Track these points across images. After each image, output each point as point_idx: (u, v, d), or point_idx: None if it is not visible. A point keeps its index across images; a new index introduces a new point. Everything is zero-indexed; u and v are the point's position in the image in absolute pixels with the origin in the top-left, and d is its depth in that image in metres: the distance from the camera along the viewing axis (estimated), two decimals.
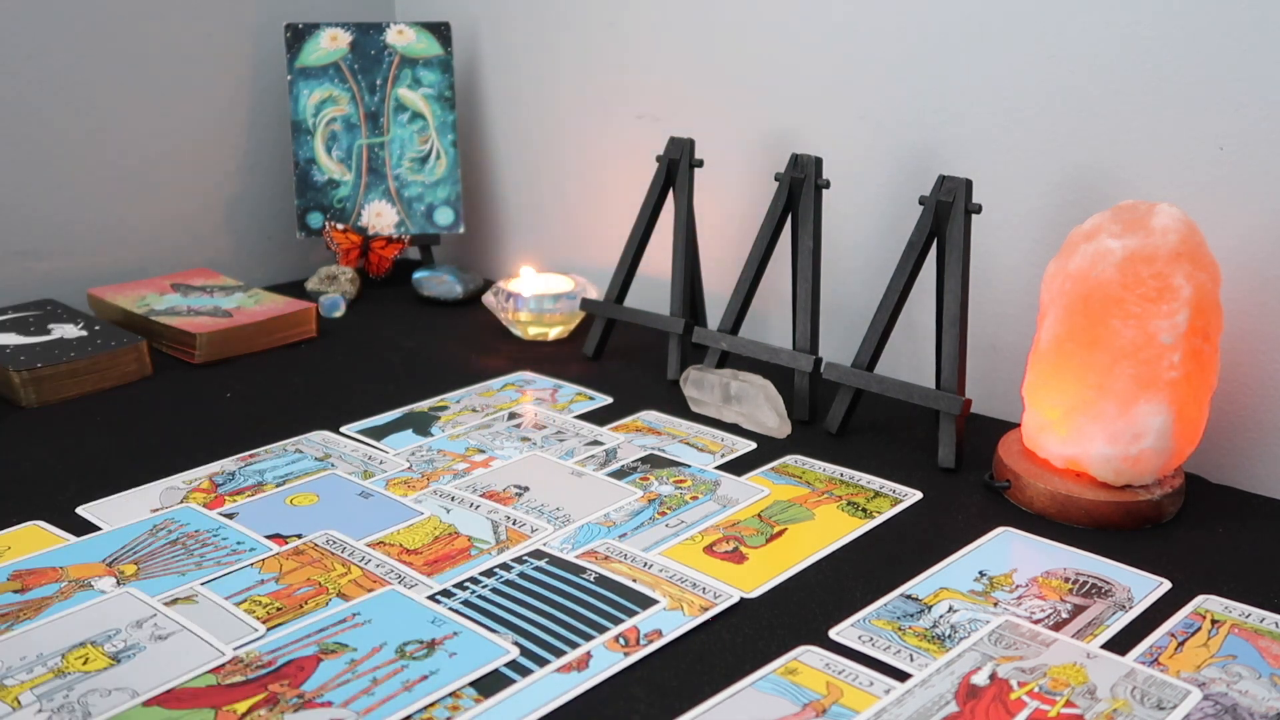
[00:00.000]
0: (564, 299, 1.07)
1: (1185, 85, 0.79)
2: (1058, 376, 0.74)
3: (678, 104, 1.10)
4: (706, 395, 0.90)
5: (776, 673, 0.57)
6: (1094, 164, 0.84)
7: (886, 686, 0.56)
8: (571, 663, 0.58)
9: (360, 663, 0.57)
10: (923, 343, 0.95)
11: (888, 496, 0.77)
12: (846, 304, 1.00)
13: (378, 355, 1.04)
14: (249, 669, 0.57)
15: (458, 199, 1.26)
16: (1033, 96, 0.86)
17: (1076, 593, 0.65)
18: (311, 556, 0.68)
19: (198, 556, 0.68)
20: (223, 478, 0.79)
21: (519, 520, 0.73)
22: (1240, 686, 0.56)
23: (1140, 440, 0.71)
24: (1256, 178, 0.77)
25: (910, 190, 0.93)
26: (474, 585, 0.65)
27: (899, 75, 0.94)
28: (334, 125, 1.24)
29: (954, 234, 0.82)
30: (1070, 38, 0.83)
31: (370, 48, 1.24)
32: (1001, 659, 0.58)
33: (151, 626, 0.60)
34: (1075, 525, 0.73)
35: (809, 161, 0.90)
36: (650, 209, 1.02)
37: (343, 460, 0.82)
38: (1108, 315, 0.71)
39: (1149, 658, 0.59)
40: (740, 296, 0.94)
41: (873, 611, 0.63)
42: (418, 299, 1.21)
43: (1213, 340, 0.72)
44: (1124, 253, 0.70)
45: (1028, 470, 0.75)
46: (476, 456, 0.82)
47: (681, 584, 0.65)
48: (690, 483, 0.78)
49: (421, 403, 0.93)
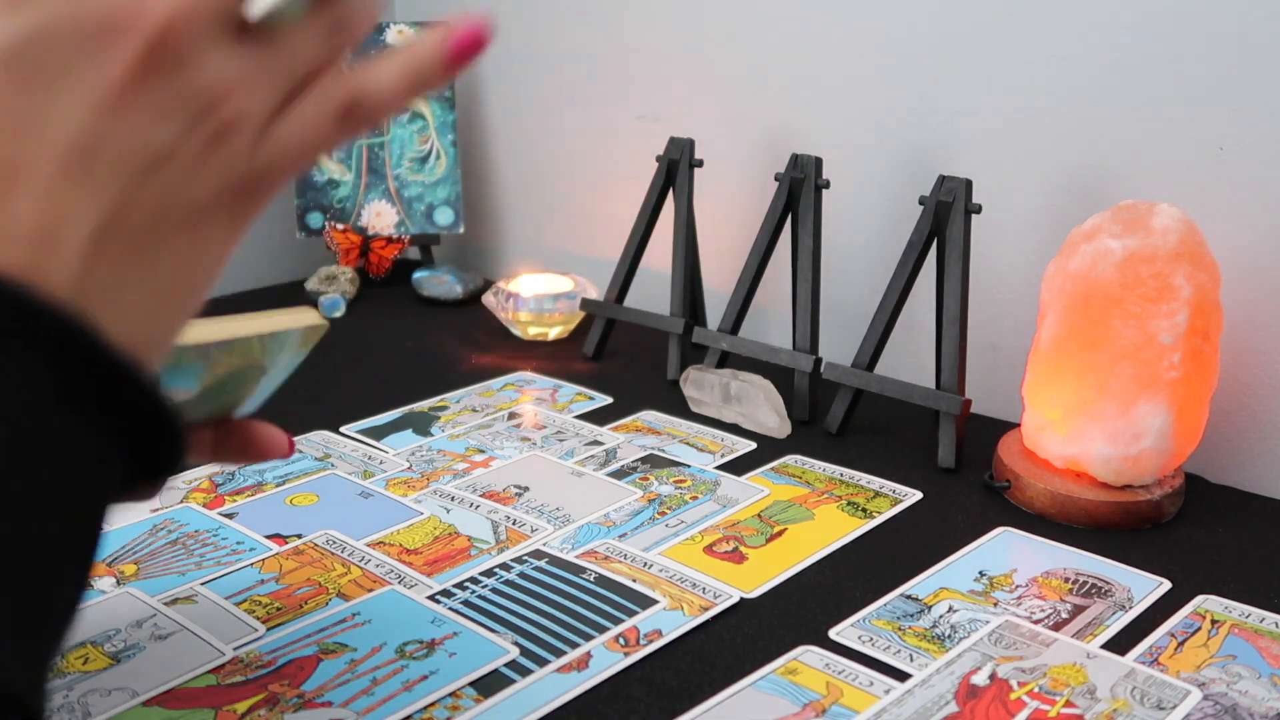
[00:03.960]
0: (564, 299, 1.07)
1: (1185, 85, 0.79)
2: (1058, 376, 0.74)
3: (678, 104, 1.10)
4: (706, 395, 0.90)
5: (776, 673, 0.57)
6: (1094, 164, 0.84)
7: (886, 686, 0.56)
8: (571, 663, 0.58)
9: (360, 663, 0.57)
10: (923, 343, 0.95)
11: (888, 496, 0.77)
12: (846, 304, 1.00)
13: (378, 355, 1.04)
14: (249, 669, 0.57)
15: (458, 199, 1.26)
16: (1033, 97, 0.86)
17: (1076, 593, 0.65)
18: (311, 556, 0.68)
19: (198, 556, 0.68)
20: (222, 477, 0.79)
21: (519, 520, 0.73)
22: (1240, 686, 0.56)
23: (1140, 440, 0.71)
24: (1256, 178, 0.77)
25: (910, 190, 0.93)
26: (474, 585, 0.65)
27: (899, 75, 0.94)
28: None
29: (954, 234, 0.82)
30: (1071, 38, 0.83)
31: (370, 48, 1.24)
32: (1001, 659, 0.58)
33: (151, 626, 0.60)
34: (1075, 525, 0.73)
35: (809, 161, 0.90)
36: (650, 209, 1.02)
37: (342, 460, 0.82)
38: (1108, 315, 0.71)
39: (1149, 658, 0.59)
40: (740, 296, 0.94)
41: (873, 611, 0.63)
42: (418, 299, 1.21)
43: (1213, 340, 0.72)
44: (1124, 253, 0.70)
45: (1028, 470, 0.75)
46: (476, 456, 0.82)
47: (681, 584, 0.65)
48: (690, 483, 0.78)
49: (421, 403, 0.93)
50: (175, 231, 0.32)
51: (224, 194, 0.33)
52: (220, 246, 0.34)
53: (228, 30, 0.32)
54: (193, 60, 0.31)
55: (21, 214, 0.29)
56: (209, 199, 0.32)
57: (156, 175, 0.31)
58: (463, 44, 0.37)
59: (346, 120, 0.35)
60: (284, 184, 0.35)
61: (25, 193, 0.29)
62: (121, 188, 0.30)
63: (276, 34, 0.33)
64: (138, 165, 0.31)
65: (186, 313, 0.34)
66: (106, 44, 0.30)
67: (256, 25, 0.33)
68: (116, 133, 0.30)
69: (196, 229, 0.32)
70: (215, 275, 0.34)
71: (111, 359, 0.29)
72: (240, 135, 0.32)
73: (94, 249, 0.30)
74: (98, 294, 0.30)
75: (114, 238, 0.30)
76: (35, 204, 0.29)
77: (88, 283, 0.30)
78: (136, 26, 0.30)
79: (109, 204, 0.30)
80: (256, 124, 0.33)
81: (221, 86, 0.32)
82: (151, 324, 0.32)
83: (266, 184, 0.34)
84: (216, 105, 0.32)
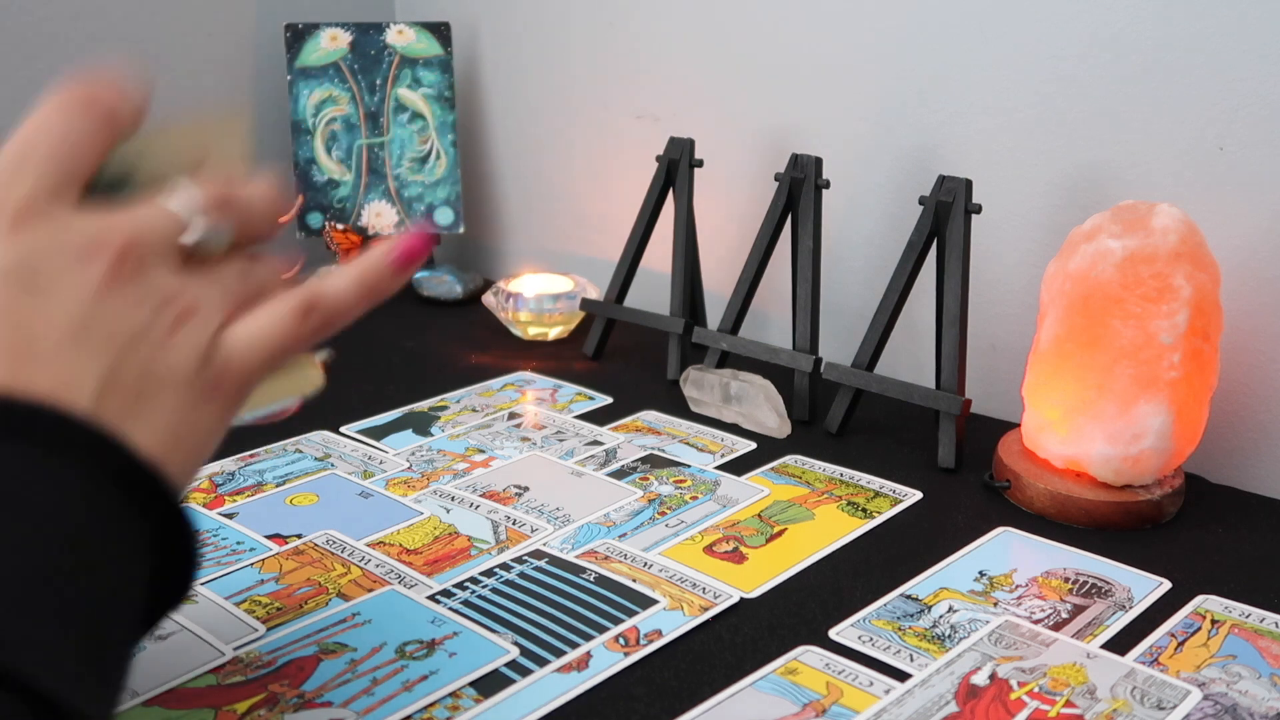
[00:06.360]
0: (564, 299, 1.07)
1: (1185, 85, 0.79)
2: (1058, 376, 0.74)
3: (678, 104, 1.10)
4: (706, 395, 0.90)
5: (776, 673, 0.57)
6: (1094, 164, 0.84)
7: (886, 686, 0.56)
8: (571, 663, 0.58)
9: (360, 663, 0.57)
10: (923, 343, 0.95)
11: (887, 496, 0.77)
12: (846, 304, 1.01)
13: (378, 355, 1.04)
14: (249, 669, 0.57)
15: (458, 199, 1.26)
16: (1033, 96, 0.86)
17: (1076, 593, 0.65)
18: (311, 556, 0.68)
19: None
20: (222, 478, 0.79)
21: (519, 520, 0.73)
22: (1240, 686, 0.56)
23: (1140, 440, 0.71)
24: (1256, 178, 0.77)
25: (910, 190, 0.93)
26: (474, 585, 0.65)
27: (899, 75, 0.94)
28: (334, 125, 1.24)
29: (954, 234, 0.82)
30: (1071, 37, 0.83)
31: (370, 48, 1.24)
32: (1001, 659, 0.58)
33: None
34: (1075, 525, 0.73)
35: (809, 161, 0.90)
36: (650, 209, 1.02)
37: (343, 460, 0.82)
38: (1108, 315, 0.71)
39: (1149, 658, 0.59)
40: (740, 296, 0.94)
41: (873, 611, 0.63)
42: (418, 299, 1.21)
43: (1213, 340, 0.72)
44: (1124, 253, 0.70)
45: (1028, 470, 0.75)
46: (476, 456, 0.82)
47: (681, 584, 0.65)
48: (690, 483, 0.78)
49: (421, 403, 0.93)
50: (165, 392, 0.40)
51: (199, 368, 0.41)
52: (213, 419, 0.42)
53: (175, 254, 0.42)
54: (149, 269, 0.41)
55: (39, 377, 0.37)
56: (186, 369, 0.41)
57: (138, 347, 0.40)
58: (405, 253, 0.47)
59: (306, 318, 0.44)
60: (259, 373, 0.43)
61: (40, 361, 0.38)
62: (113, 354, 0.39)
63: (213, 259, 0.44)
64: (123, 340, 0.39)
65: (192, 461, 0.42)
66: (87, 259, 0.39)
67: (196, 251, 0.43)
68: (103, 316, 0.39)
69: (184, 395, 0.41)
70: (213, 440, 0.43)
71: (143, 462, 0.38)
72: (198, 320, 0.41)
73: (97, 404, 0.38)
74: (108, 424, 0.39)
75: (114, 391, 0.39)
76: (48, 368, 0.38)
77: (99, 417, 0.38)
78: (107, 246, 0.40)
79: (105, 368, 0.38)
80: (212, 314, 0.42)
81: (175, 287, 0.41)
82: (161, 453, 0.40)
83: (240, 370, 0.42)
84: (173, 299, 0.41)
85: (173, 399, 0.40)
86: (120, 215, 0.41)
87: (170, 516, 0.40)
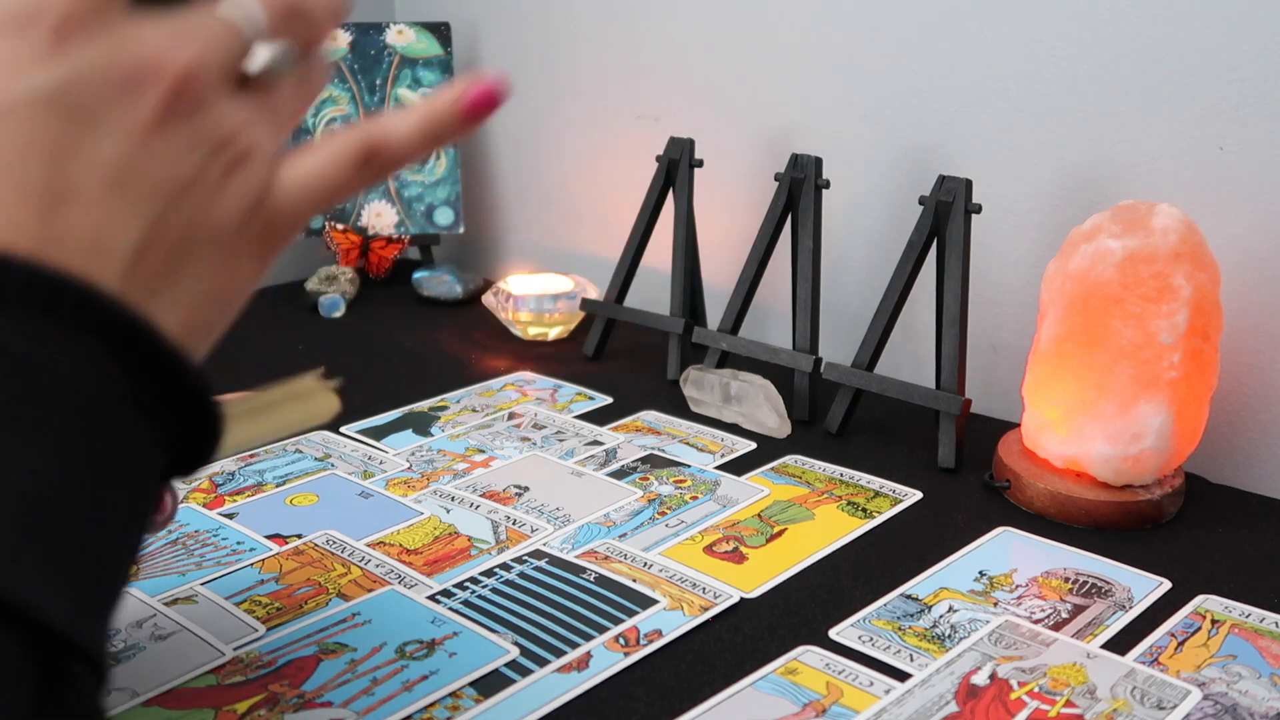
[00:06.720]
0: (564, 299, 1.07)
1: (1185, 85, 0.79)
2: (1058, 376, 0.74)
3: (678, 104, 1.10)
4: (706, 395, 0.90)
5: (776, 673, 0.57)
6: (1094, 164, 0.84)
7: (886, 686, 0.56)
8: (571, 663, 0.58)
9: (360, 663, 0.57)
10: (923, 343, 0.95)
11: (887, 496, 0.77)
12: (846, 304, 1.01)
13: (378, 355, 1.04)
14: (249, 669, 0.57)
15: (458, 199, 1.26)
16: (1033, 96, 0.86)
17: (1076, 593, 0.65)
18: (311, 556, 0.68)
19: (198, 556, 0.68)
20: (222, 478, 0.79)
21: (519, 520, 0.73)
22: (1240, 686, 0.56)
23: (1140, 440, 0.71)
24: (1256, 178, 0.77)
25: (910, 190, 0.93)
26: (474, 585, 0.65)
27: (899, 75, 0.94)
28: (334, 125, 1.24)
29: (954, 234, 0.82)
30: (1071, 37, 0.83)
31: (370, 48, 1.24)
32: (1001, 659, 0.58)
33: (151, 626, 0.60)
34: (1075, 525, 0.73)
35: (809, 161, 0.90)
36: (650, 209, 1.02)
37: (342, 460, 0.82)
38: (1108, 315, 0.71)
39: (1149, 658, 0.59)
40: (740, 296, 0.94)
41: (873, 611, 0.63)
42: (418, 299, 1.21)
43: (1213, 340, 0.72)
44: (1124, 253, 0.70)
45: (1028, 470, 0.75)
46: (476, 456, 0.82)
47: (681, 584, 0.65)
48: (690, 483, 0.78)
49: (421, 403, 0.93)
50: (206, 249, 0.36)
51: (248, 220, 0.37)
52: (249, 273, 0.38)
53: (232, 80, 0.37)
54: (206, 105, 0.36)
55: (75, 225, 0.33)
56: (233, 222, 0.36)
57: (186, 198, 0.35)
58: (478, 100, 0.41)
59: (365, 165, 0.39)
60: (305, 221, 0.39)
61: (77, 208, 0.33)
62: (157, 207, 0.35)
63: (272, 84, 0.39)
64: (170, 189, 0.35)
65: (219, 325, 0.38)
66: (136, 89, 0.34)
67: (256, 77, 0.38)
68: (150, 161, 0.34)
69: (225, 250, 0.37)
70: (245, 296, 0.39)
71: (167, 347, 0.34)
72: (253, 165, 0.37)
73: (136, 259, 0.34)
74: (138, 299, 0.34)
75: (152, 250, 0.35)
76: (86, 217, 0.33)
77: (130, 287, 0.34)
78: (160, 76, 0.34)
79: (147, 220, 0.34)
80: (266, 156, 0.37)
81: (232, 125, 0.36)
82: (185, 333, 0.36)
83: (288, 219, 0.38)
84: (230, 141, 0.36)
85: (213, 256, 0.36)
86: (176, 30, 0.35)
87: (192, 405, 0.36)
